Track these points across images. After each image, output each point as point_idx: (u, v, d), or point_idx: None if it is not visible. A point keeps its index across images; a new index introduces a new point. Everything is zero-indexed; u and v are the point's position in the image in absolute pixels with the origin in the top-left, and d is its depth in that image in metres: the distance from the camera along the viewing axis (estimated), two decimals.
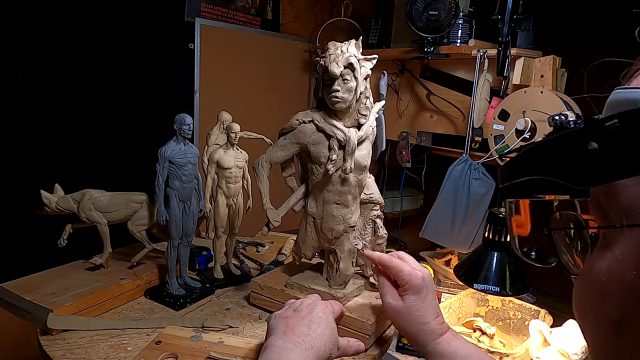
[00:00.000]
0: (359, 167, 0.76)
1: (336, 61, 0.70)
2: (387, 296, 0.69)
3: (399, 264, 0.69)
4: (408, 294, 0.67)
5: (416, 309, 0.66)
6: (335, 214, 0.79)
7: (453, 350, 0.64)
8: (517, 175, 0.32)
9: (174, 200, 0.85)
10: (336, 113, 0.75)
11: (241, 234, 1.09)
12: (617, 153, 0.24)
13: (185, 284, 0.91)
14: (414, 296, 0.67)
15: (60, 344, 0.72)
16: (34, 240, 1.31)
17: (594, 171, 0.25)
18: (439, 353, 0.64)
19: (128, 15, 1.45)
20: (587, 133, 0.25)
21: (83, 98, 1.40)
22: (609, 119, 0.24)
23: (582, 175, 0.26)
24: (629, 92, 0.27)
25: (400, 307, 0.67)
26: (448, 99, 1.49)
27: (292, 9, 1.90)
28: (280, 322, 0.62)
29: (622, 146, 0.24)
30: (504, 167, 0.34)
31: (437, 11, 1.38)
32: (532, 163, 0.30)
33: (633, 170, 0.23)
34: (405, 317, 0.67)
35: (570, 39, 1.59)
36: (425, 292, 0.67)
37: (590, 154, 0.25)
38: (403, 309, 0.67)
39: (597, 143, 0.25)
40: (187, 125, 0.83)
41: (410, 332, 0.67)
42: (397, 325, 0.70)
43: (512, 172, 0.33)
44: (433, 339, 0.65)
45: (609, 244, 0.27)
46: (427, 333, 0.65)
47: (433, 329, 0.65)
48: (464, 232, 1.38)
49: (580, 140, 0.26)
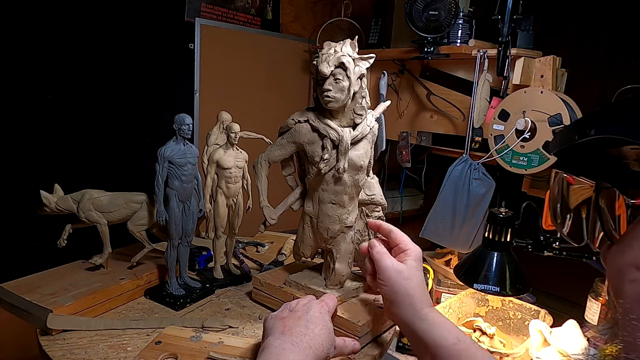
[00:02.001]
0: (354, 167, 0.76)
1: (327, 61, 0.71)
2: (389, 259, 0.69)
3: (401, 233, 0.73)
4: (410, 259, 0.69)
5: (417, 273, 0.68)
6: (331, 214, 0.79)
7: (443, 319, 0.65)
8: (583, 135, 0.34)
9: (174, 200, 0.85)
10: (331, 113, 0.75)
11: (241, 234, 1.09)
12: None
13: (185, 284, 0.91)
14: (415, 262, 0.69)
15: (60, 344, 0.72)
16: (34, 240, 1.31)
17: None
18: (430, 320, 0.64)
19: (128, 15, 1.45)
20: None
21: (83, 98, 1.40)
22: None
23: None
24: None
25: (402, 268, 0.68)
26: (448, 99, 1.49)
27: (292, 9, 1.90)
28: (277, 322, 0.63)
29: None
30: (562, 132, 0.36)
31: (437, 11, 1.38)
32: (600, 122, 0.32)
33: None
34: (406, 280, 0.67)
35: (570, 39, 1.59)
36: (421, 265, 0.70)
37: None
38: (405, 271, 0.67)
39: None
40: (187, 125, 0.83)
41: (407, 294, 0.66)
42: (394, 287, 0.67)
43: (578, 132, 0.34)
44: (427, 306, 0.66)
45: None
46: (423, 298, 0.66)
47: (427, 297, 0.67)
48: (464, 232, 1.38)
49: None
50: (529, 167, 1.22)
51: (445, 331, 0.63)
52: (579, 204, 0.39)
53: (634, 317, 0.32)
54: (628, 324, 0.32)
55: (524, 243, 1.02)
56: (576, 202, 0.39)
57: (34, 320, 0.76)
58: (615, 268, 0.35)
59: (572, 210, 0.40)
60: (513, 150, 1.24)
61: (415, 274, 0.68)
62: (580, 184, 0.38)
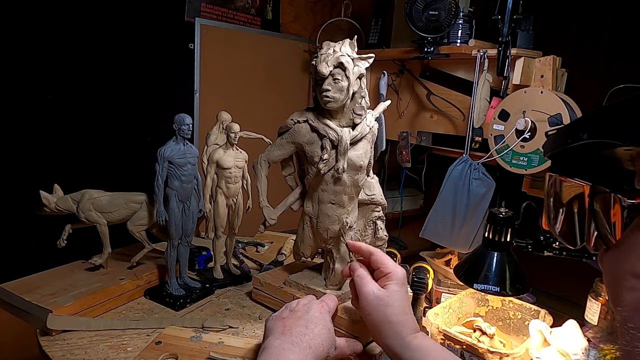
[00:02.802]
0: (354, 167, 0.76)
1: (326, 61, 0.71)
2: (370, 284, 0.67)
3: (383, 254, 0.70)
4: (391, 283, 0.66)
5: (399, 298, 0.66)
6: (330, 214, 0.79)
7: (429, 344, 0.63)
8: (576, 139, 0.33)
9: (174, 200, 0.85)
10: (330, 113, 0.75)
11: (241, 234, 1.09)
12: None
13: (185, 284, 0.91)
14: (397, 286, 0.66)
15: (60, 345, 0.72)
16: (33, 240, 1.31)
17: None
18: (415, 347, 0.63)
19: (128, 15, 1.45)
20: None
21: (83, 98, 1.40)
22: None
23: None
24: None
25: (383, 295, 0.65)
26: (448, 99, 1.49)
27: (292, 9, 1.90)
28: (277, 323, 0.63)
29: None
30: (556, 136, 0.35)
31: (437, 11, 1.38)
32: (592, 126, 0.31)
33: None
34: (387, 307, 0.65)
35: (570, 39, 1.59)
36: (405, 287, 0.68)
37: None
38: (386, 297, 0.65)
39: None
40: (187, 125, 0.83)
41: (390, 322, 0.64)
42: (375, 315, 0.65)
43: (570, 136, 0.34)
44: (412, 332, 0.64)
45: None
46: (407, 325, 0.64)
47: (412, 322, 0.65)
48: (464, 232, 1.38)
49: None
50: (529, 167, 1.22)
51: (431, 358, 0.62)
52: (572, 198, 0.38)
53: (633, 325, 0.31)
54: (626, 333, 0.32)
55: (524, 243, 1.02)
56: (569, 196, 0.38)
57: (33, 321, 0.76)
58: (612, 275, 0.34)
59: (565, 205, 0.39)
60: (513, 150, 1.24)
61: (398, 299, 0.65)
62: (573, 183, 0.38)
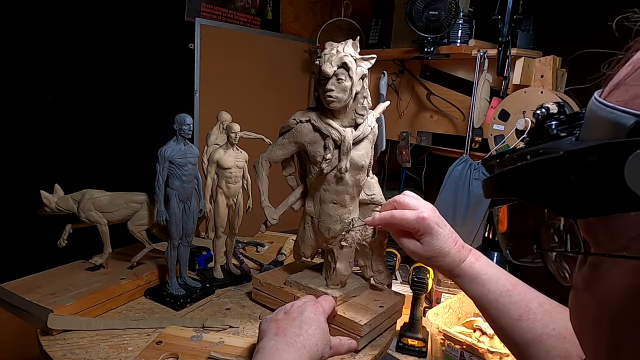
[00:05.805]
0: (356, 167, 0.76)
1: (330, 61, 0.71)
2: (406, 243, 0.71)
3: (401, 216, 0.70)
4: (423, 237, 0.69)
5: (433, 248, 0.68)
6: (332, 214, 0.79)
7: (475, 273, 0.66)
8: (503, 194, 0.31)
9: (174, 200, 0.85)
10: (333, 112, 0.76)
11: (241, 234, 1.09)
12: (598, 188, 0.22)
13: (185, 284, 0.91)
14: (428, 237, 0.68)
15: (61, 344, 0.72)
16: (34, 240, 1.31)
17: (577, 204, 0.23)
18: (463, 275, 0.67)
19: (128, 15, 1.45)
20: (566, 164, 0.23)
21: (83, 98, 1.40)
22: (587, 151, 0.22)
23: (565, 206, 0.24)
24: (610, 113, 0.24)
25: (420, 250, 0.69)
26: (448, 99, 1.50)
27: (292, 9, 1.90)
28: (271, 325, 0.63)
29: (603, 181, 0.21)
30: (489, 182, 0.32)
31: (437, 11, 1.38)
32: (516, 185, 0.28)
33: (617, 206, 0.21)
34: (428, 258, 0.69)
35: (570, 39, 1.59)
36: (437, 228, 0.68)
37: (571, 185, 0.23)
38: (423, 251, 0.69)
39: (576, 176, 0.23)
40: (187, 125, 0.83)
41: (435, 266, 0.70)
42: (422, 262, 0.72)
43: (498, 190, 0.31)
44: (456, 266, 0.67)
45: (598, 265, 0.26)
46: (449, 264, 0.68)
47: (454, 258, 0.68)
48: (464, 232, 1.38)
49: (561, 171, 0.24)
50: None
51: (475, 285, 0.65)
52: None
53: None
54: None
55: None
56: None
57: (34, 321, 0.76)
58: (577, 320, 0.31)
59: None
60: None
61: (431, 250, 0.68)
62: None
